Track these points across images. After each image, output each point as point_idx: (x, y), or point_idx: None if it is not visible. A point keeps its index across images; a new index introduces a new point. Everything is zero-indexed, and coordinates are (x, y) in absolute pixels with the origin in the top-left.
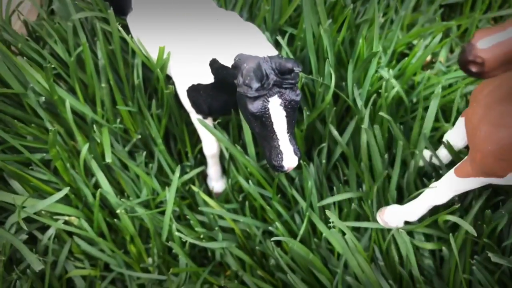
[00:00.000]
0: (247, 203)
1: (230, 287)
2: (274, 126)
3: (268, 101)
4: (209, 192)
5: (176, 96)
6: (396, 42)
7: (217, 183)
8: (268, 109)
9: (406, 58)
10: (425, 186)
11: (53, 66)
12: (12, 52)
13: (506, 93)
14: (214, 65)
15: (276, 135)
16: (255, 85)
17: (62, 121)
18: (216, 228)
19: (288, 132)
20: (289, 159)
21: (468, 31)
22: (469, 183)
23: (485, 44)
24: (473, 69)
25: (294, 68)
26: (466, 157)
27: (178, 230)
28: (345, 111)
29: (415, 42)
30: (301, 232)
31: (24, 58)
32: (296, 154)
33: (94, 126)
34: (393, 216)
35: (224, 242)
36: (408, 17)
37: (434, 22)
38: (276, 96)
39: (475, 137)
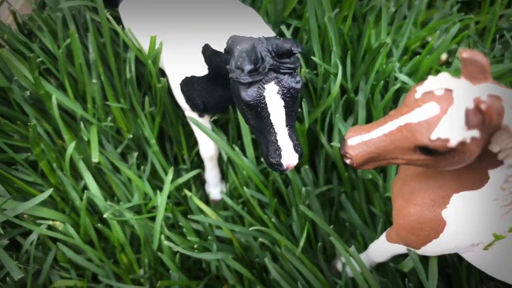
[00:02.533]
0: (245, 210)
1: None
2: (271, 118)
3: (264, 88)
4: (207, 199)
5: (170, 92)
6: (408, 37)
7: (215, 189)
8: (264, 98)
9: (419, 55)
10: None
11: (41, 59)
12: None
13: (418, 171)
14: (207, 51)
15: (274, 128)
16: (248, 67)
17: (51, 119)
18: (210, 238)
19: (287, 125)
20: (288, 156)
21: (488, 28)
22: (397, 248)
23: (353, 142)
24: (347, 161)
25: (293, 49)
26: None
27: (168, 239)
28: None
29: (429, 39)
30: (301, 244)
31: (7, 48)
32: (296, 150)
33: (82, 124)
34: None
35: (219, 253)
36: (422, 14)
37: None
38: (272, 82)
39: (393, 207)
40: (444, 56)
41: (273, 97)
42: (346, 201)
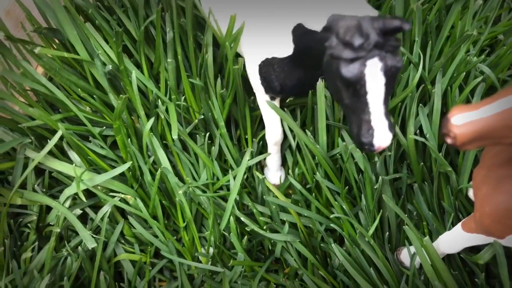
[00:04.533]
0: (313, 195)
1: (289, 286)
2: (368, 96)
3: (366, 65)
4: None
5: (242, 76)
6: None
7: (275, 174)
8: (365, 75)
9: (504, 48)
10: None
11: None
12: None
13: (508, 157)
14: (298, 31)
15: (369, 107)
16: (358, 41)
17: None
18: (285, 219)
19: (384, 104)
20: (382, 136)
21: None
22: (474, 238)
23: (458, 121)
24: (448, 141)
25: (403, 26)
26: (473, 213)
27: (238, 219)
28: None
29: (500, 36)
30: (370, 232)
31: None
32: (390, 130)
33: (159, 101)
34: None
35: (289, 235)
36: (495, 11)
37: None
38: (375, 59)
39: (476, 195)
40: None
41: (374, 75)
42: (418, 191)
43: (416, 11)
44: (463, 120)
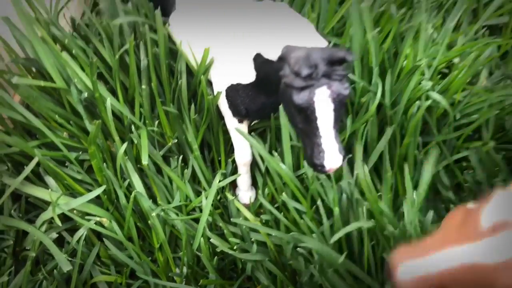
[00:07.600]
0: (282, 215)
1: None
2: (318, 121)
3: (315, 93)
4: None
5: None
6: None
7: (246, 193)
8: (314, 102)
9: (454, 72)
10: None
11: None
12: None
13: None
14: (258, 60)
15: (320, 131)
16: (305, 71)
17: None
18: (252, 239)
19: (333, 128)
20: (332, 158)
21: (510, 52)
22: None
23: (405, 274)
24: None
25: (347, 57)
26: None
27: (209, 239)
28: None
29: (455, 60)
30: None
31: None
32: (340, 152)
33: (132, 127)
34: None
35: (258, 254)
36: (447, 36)
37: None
38: (324, 87)
39: None
40: None
41: (322, 101)
42: None
43: (371, 41)
44: (410, 273)
